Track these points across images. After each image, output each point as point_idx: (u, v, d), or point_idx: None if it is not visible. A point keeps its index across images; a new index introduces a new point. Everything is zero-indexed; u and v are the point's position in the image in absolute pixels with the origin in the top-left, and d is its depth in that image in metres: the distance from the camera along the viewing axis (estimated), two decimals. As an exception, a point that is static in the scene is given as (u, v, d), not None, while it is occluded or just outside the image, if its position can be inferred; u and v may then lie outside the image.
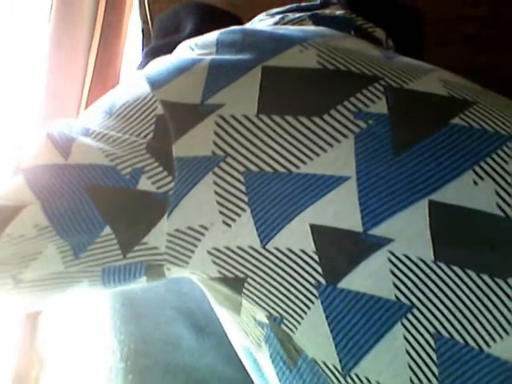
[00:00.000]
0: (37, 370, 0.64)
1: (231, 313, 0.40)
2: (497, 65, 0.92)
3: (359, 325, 0.33)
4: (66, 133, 0.39)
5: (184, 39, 0.65)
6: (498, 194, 0.34)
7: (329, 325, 0.33)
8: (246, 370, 0.44)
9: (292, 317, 0.35)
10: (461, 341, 0.32)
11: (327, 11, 0.52)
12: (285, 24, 0.50)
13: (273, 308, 0.36)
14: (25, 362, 0.66)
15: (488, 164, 0.35)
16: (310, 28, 0.46)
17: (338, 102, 0.37)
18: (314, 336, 0.34)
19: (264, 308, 0.36)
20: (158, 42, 0.67)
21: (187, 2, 0.71)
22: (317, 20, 0.50)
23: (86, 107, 0.79)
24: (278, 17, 0.51)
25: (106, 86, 0.79)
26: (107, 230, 0.36)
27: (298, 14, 0.51)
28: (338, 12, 0.52)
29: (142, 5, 0.86)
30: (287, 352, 0.36)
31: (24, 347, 0.66)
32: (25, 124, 0.76)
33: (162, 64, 0.42)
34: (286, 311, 0.35)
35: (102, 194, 0.36)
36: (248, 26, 0.53)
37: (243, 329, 0.40)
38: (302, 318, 0.35)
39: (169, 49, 0.64)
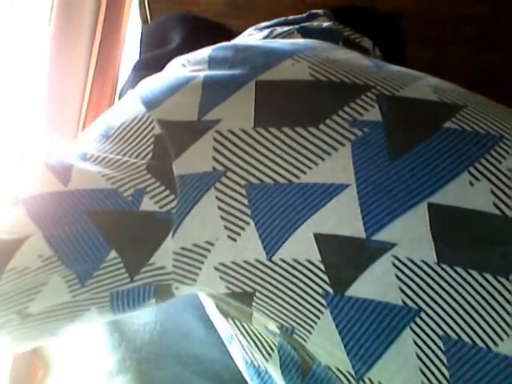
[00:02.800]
0: (41, 375, 0.64)
1: (241, 322, 0.40)
2: (497, 65, 0.92)
3: (369, 332, 0.33)
4: (64, 160, 0.38)
5: (172, 52, 0.65)
6: (493, 193, 0.34)
7: (339, 333, 0.34)
8: None
9: (303, 327, 0.35)
10: (469, 341, 0.32)
11: (315, 23, 0.53)
12: (274, 38, 0.50)
13: (283, 319, 0.36)
14: (23, 364, 0.66)
15: (482, 165, 0.35)
16: (300, 41, 0.47)
17: (333, 112, 0.37)
18: (326, 344, 0.35)
19: (275, 320, 0.36)
20: (146, 56, 0.67)
21: (173, 13, 0.71)
22: (305, 33, 0.51)
23: (88, 109, 0.79)
24: (266, 31, 0.51)
25: (106, 87, 0.80)
26: (112, 254, 0.36)
27: (286, 28, 0.51)
28: (326, 24, 0.53)
29: (142, 5, 0.86)
30: (302, 359, 0.37)
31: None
32: (26, 127, 0.76)
33: (155, 83, 0.42)
34: (296, 322, 0.35)
35: (105, 217, 0.36)
36: (238, 40, 0.53)
37: (252, 340, 0.40)
38: (312, 327, 0.35)
39: (157, 62, 0.63)
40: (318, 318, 0.34)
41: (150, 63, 0.65)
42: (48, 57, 0.75)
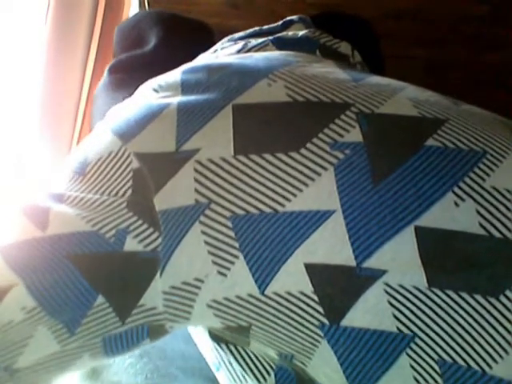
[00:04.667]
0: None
1: (236, 347, 0.39)
2: (497, 65, 0.92)
3: (366, 358, 0.33)
4: (39, 204, 0.36)
5: (149, 53, 0.62)
6: (479, 213, 0.34)
7: (338, 359, 0.34)
8: None
9: (302, 354, 0.35)
10: (463, 364, 0.32)
11: (290, 33, 0.51)
12: (248, 51, 0.49)
13: (282, 348, 0.36)
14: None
15: (466, 184, 0.35)
16: (275, 54, 0.45)
17: (313, 135, 0.36)
18: (326, 369, 0.34)
19: (273, 348, 0.36)
20: (121, 57, 0.64)
21: (148, 11, 0.68)
22: (280, 44, 0.49)
23: (85, 110, 0.79)
24: (241, 43, 0.50)
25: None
26: (100, 299, 0.34)
27: (260, 40, 0.49)
28: (302, 32, 0.51)
29: (142, 5, 0.86)
30: (301, 380, 0.37)
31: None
32: (21, 129, 0.76)
33: (129, 112, 0.40)
34: (295, 350, 0.35)
35: (88, 261, 0.34)
36: (212, 57, 0.50)
37: (246, 364, 0.39)
38: (311, 354, 0.35)
39: (133, 64, 0.62)
40: (316, 346, 0.34)
41: (125, 65, 0.63)
42: (44, 57, 0.74)
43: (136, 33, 0.66)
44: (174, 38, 0.63)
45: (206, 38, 0.58)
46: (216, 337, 0.40)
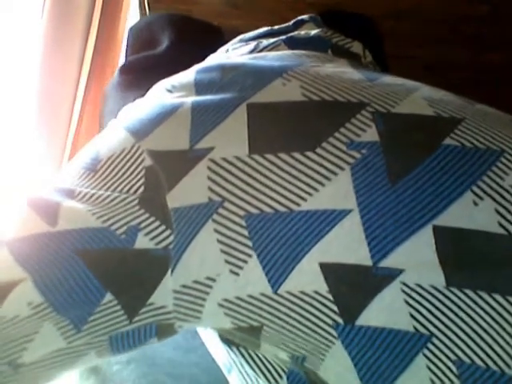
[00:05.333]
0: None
1: (247, 350, 0.39)
2: (497, 65, 0.92)
3: (382, 358, 0.32)
4: (49, 198, 0.36)
5: (161, 55, 0.62)
6: (498, 212, 0.34)
7: (352, 360, 0.33)
8: None
9: (314, 355, 0.35)
10: (482, 365, 0.31)
11: (302, 32, 0.51)
12: (260, 51, 0.48)
13: (294, 349, 0.35)
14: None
15: (485, 183, 0.34)
16: (288, 54, 0.45)
17: (329, 134, 0.36)
18: (339, 370, 0.34)
19: (285, 350, 0.36)
20: (132, 59, 0.64)
21: (160, 14, 0.69)
22: (292, 43, 0.49)
23: (81, 109, 0.79)
24: (252, 44, 0.49)
25: (103, 84, 0.79)
26: (108, 296, 0.33)
27: (272, 40, 0.49)
28: (313, 32, 0.51)
29: (142, 4, 0.86)
30: (313, 383, 0.36)
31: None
32: (17, 126, 0.76)
33: (142, 111, 0.40)
34: (307, 351, 0.35)
35: (98, 258, 0.34)
36: (223, 56, 0.50)
37: (258, 367, 0.39)
38: (324, 355, 0.34)
39: (144, 65, 0.62)
40: (330, 347, 0.34)
41: (137, 66, 0.63)
42: (40, 54, 0.73)
43: (148, 34, 0.66)
44: (185, 39, 0.63)
45: (216, 40, 0.58)
46: (227, 340, 0.40)
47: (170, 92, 0.41)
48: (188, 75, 0.42)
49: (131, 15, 0.87)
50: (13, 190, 0.74)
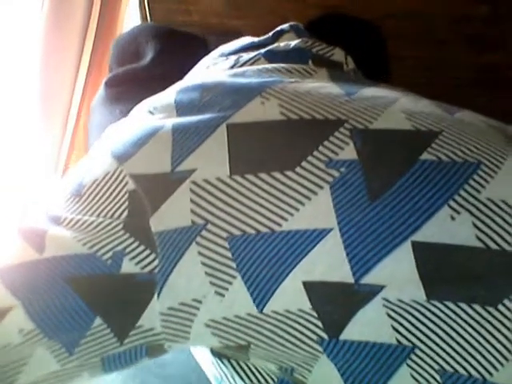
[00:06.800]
0: None
1: (238, 362, 0.39)
2: (497, 65, 0.92)
3: (367, 369, 0.33)
4: (36, 226, 0.37)
5: (146, 68, 0.63)
6: (475, 226, 0.34)
7: (338, 370, 0.34)
8: None
9: (302, 367, 0.36)
10: (464, 373, 0.32)
11: (282, 44, 0.51)
12: (241, 66, 0.48)
13: (282, 362, 0.36)
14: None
15: (461, 196, 0.35)
16: (268, 68, 0.45)
17: (308, 153, 0.37)
18: (327, 380, 0.35)
19: (273, 363, 0.37)
20: (118, 71, 0.65)
21: (145, 25, 0.70)
22: (271, 57, 0.49)
23: (79, 108, 0.79)
24: (232, 58, 0.50)
25: (102, 79, 0.78)
26: (98, 320, 0.34)
27: (252, 54, 0.49)
28: (293, 43, 0.51)
29: (142, 5, 0.86)
30: None
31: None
32: (14, 122, 0.76)
33: (124, 134, 0.40)
34: (295, 363, 0.36)
35: (86, 283, 0.34)
36: (204, 73, 0.50)
37: (249, 379, 0.39)
38: (312, 366, 0.35)
39: (129, 78, 0.63)
40: (317, 360, 0.34)
41: (122, 79, 0.64)
42: (38, 53, 0.73)
43: (133, 47, 0.66)
44: (169, 51, 0.64)
45: (201, 51, 0.58)
46: (217, 352, 0.40)
47: (151, 113, 0.42)
48: (169, 96, 0.42)
49: (131, 15, 0.87)
50: (10, 188, 0.74)
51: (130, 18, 0.87)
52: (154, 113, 0.42)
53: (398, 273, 0.33)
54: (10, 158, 0.75)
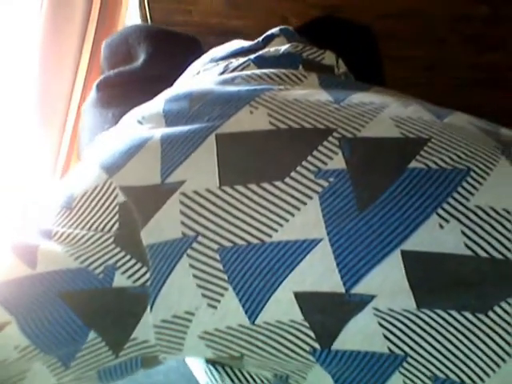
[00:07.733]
0: None
1: (232, 369, 0.39)
2: (497, 65, 0.92)
3: (360, 376, 0.34)
4: (28, 241, 0.37)
5: (138, 70, 0.62)
6: (464, 233, 0.34)
7: (332, 377, 0.34)
8: None
9: (297, 374, 0.36)
10: (456, 380, 0.32)
11: (272, 49, 0.50)
12: (231, 72, 0.48)
13: (276, 370, 0.36)
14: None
15: (450, 204, 0.34)
16: (258, 74, 0.45)
17: (297, 163, 0.36)
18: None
19: (268, 371, 0.37)
20: (109, 73, 0.64)
21: (136, 26, 0.68)
22: (261, 63, 0.48)
23: (78, 110, 0.79)
24: (222, 64, 0.49)
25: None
26: (92, 334, 0.34)
27: (241, 60, 0.49)
28: (283, 48, 0.50)
29: (142, 4, 0.86)
30: None
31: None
32: (13, 121, 0.76)
33: (113, 145, 0.40)
34: (289, 371, 0.36)
35: (79, 298, 0.34)
36: (193, 80, 0.50)
37: (241, 383, 0.39)
38: (306, 374, 0.35)
39: (121, 81, 0.62)
40: (310, 368, 0.35)
41: (114, 82, 0.63)
42: (37, 55, 0.73)
43: (124, 48, 0.65)
44: (161, 53, 0.63)
45: (194, 52, 0.57)
46: (211, 360, 0.40)
47: (140, 123, 0.41)
48: (157, 105, 0.42)
49: (131, 15, 0.87)
50: (10, 188, 0.74)
51: (130, 18, 0.87)
52: (143, 122, 0.41)
53: (388, 282, 0.33)
54: (10, 159, 0.75)
